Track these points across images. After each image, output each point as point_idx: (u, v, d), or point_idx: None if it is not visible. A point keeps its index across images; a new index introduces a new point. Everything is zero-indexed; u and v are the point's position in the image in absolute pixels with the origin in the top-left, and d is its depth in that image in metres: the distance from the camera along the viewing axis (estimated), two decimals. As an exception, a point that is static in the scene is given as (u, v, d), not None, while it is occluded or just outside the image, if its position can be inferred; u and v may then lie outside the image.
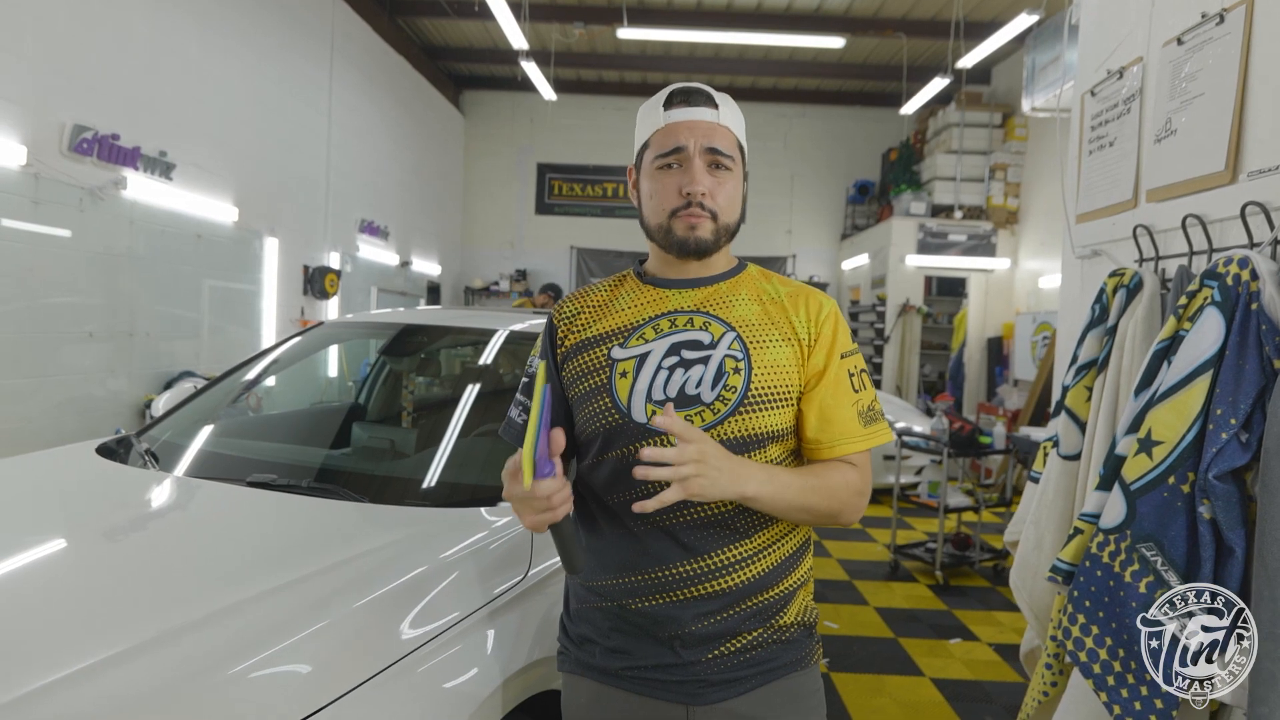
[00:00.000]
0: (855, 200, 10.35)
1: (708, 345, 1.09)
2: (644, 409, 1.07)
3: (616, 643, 1.12)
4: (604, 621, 1.13)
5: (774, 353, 1.10)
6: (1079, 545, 1.34)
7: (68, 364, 4.18)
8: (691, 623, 1.08)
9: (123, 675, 1.01)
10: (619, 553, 1.11)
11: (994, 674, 3.10)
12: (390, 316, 2.68)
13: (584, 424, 1.13)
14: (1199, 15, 1.52)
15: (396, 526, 1.52)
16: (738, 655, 1.09)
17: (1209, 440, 1.15)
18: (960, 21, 7.38)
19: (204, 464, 1.90)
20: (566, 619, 1.21)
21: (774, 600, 1.11)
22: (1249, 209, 1.31)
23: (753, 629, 1.10)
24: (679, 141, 1.09)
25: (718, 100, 1.12)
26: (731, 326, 1.10)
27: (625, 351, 1.11)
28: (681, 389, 1.07)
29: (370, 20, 7.77)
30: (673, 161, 1.10)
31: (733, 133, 1.12)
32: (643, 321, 1.13)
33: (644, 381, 1.08)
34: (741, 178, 1.14)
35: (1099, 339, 1.60)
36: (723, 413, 1.06)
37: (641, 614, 1.10)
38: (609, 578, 1.12)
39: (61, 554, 1.40)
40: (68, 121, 4.02)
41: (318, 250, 6.81)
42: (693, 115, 1.10)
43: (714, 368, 1.08)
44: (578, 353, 1.15)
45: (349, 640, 1.16)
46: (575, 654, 1.17)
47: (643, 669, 1.10)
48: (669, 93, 1.13)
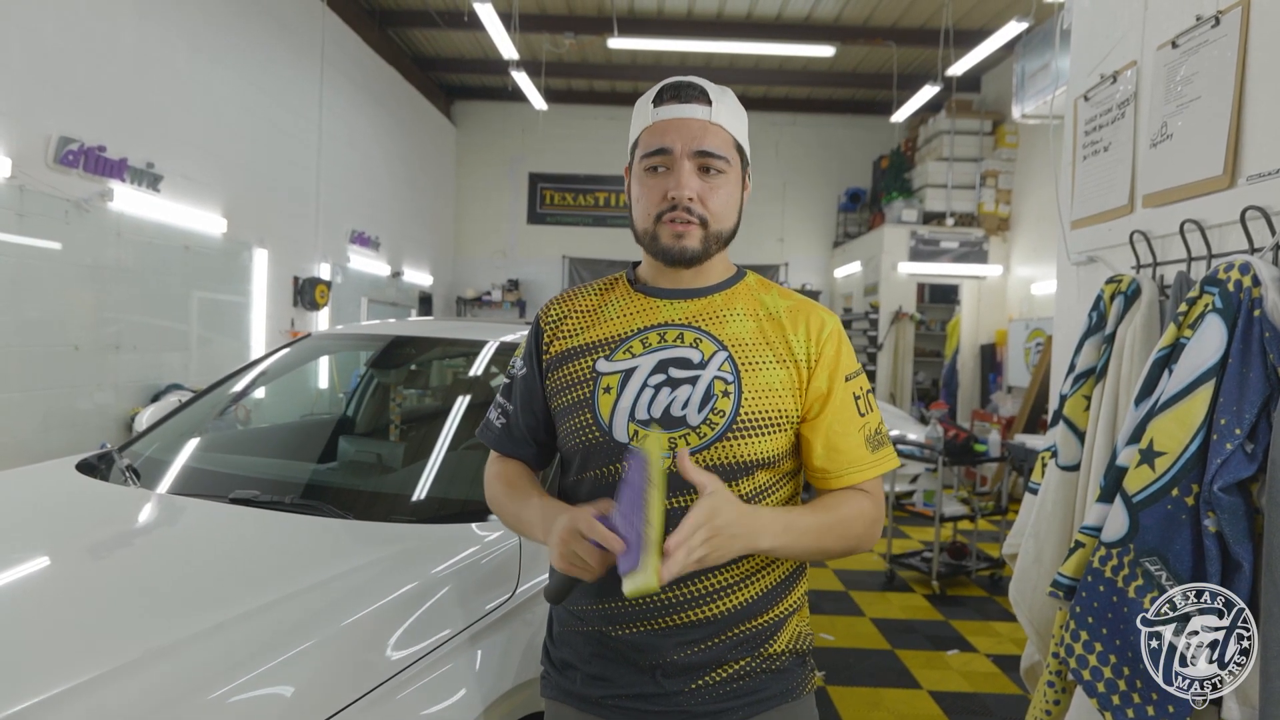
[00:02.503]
0: (847, 208, 10.37)
1: (697, 364, 1.03)
2: (626, 428, 1.02)
3: (597, 669, 1.07)
4: (585, 647, 1.08)
5: (767, 375, 1.03)
6: (1080, 559, 1.31)
7: (54, 377, 4.12)
8: (673, 651, 1.02)
9: (100, 700, 0.98)
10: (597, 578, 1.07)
11: (992, 686, 3.07)
12: (378, 328, 2.64)
13: (564, 438, 1.08)
14: (1194, 18, 1.51)
15: (381, 544, 1.48)
16: (723, 685, 1.04)
17: (1213, 451, 1.13)
18: (949, 29, 7.41)
19: (186, 480, 1.86)
20: (550, 642, 1.16)
21: (763, 627, 1.05)
22: (1249, 213, 1.29)
23: (739, 658, 1.04)
24: (665, 143, 1.02)
25: (712, 96, 1.03)
26: (723, 345, 1.04)
27: (611, 365, 1.05)
28: (667, 409, 1.01)
29: (360, 31, 7.76)
30: (660, 164, 1.02)
31: (728, 132, 1.04)
32: (631, 334, 1.07)
33: (628, 399, 1.02)
34: (739, 181, 1.06)
35: (1097, 347, 1.58)
36: (709, 437, 1.00)
37: (621, 641, 1.05)
38: (588, 603, 1.07)
39: (37, 574, 1.35)
40: (53, 133, 3.98)
41: (308, 261, 6.77)
42: (682, 113, 1.02)
43: (702, 389, 1.01)
44: (562, 362, 1.09)
45: (330, 663, 1.12)
46: (557, 679, 1.12)
47: (623, 698, 1.05)
48: (660, 88, 1.05)
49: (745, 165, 1.09)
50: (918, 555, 4.50)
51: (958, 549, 4.45)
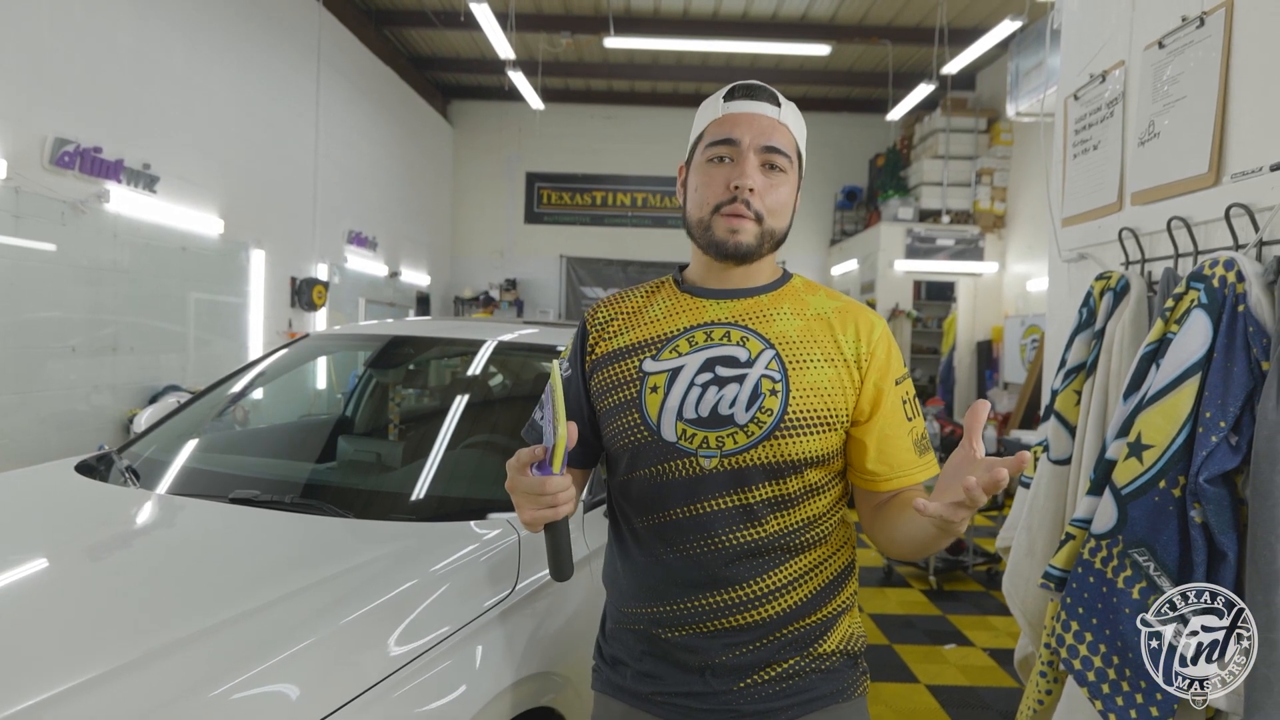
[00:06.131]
0: (843, 206, 10.40)
1: (744, 363, 1.02)
2: (674, 427, 1.01)
3: (648, 667, 1.08)
4: (636, 645, 1.10)
5: (815, 374, 1.02)
6: (1071, 551, 1.32)
7: (51, 379, 4.13)
8: (721, 653, 1.03)
9: (101, 699, 0.99)
10: (646, 579, 1.07)
11: (990, 680, 3.09)
12: (376, 328, 2.65)
13: (612, 438, 1.07)
14: (1179, 18, 1.52)
15: (380, 542, 1.49)
16: (772, 685, 1.04)
17: (1198, 443, 1.15)
18: (944, 28, 7.43)
19: (185, 481, 1.87)
20: (602, 639, 1.18)
21: (813, 627, 1.05)
22: (1233, 210, 1.31)
23: (788, 658, 1.04)
24: (734, 133, 1.02)
25: (781, 100, 1.06)
26: (770, 343, 1.03)
27: (657, 365, 1.04)
28: (714, 408, 1.00)
29: (357, 31, 7.76)
30: (725, 154, 1.03)
31: (793, 135, 1.06)
32: (677, 333, 1.06)
33: (675, 398, 1.02)
34: (796, 184, 1.07)
35: (1087, 343, 1.60)
36: (757, 436, 0.99)
37: (670, 643, 1.05)
38: (638, 605, 1.08)
39: (37, 575, 1.36)
40: (49, 134, 3.99)
41: (305, 261, 6.77)
42: (753, 109, 1.04)
43: (749, 387, 1.00)
44: (608, 363, 1.09)
45: (330, 661, 1.13)
46: (608, 674, 1.14)
47: (673, 695, 1.06)
48: (732, 85, 1.07)
49: (801, 173, 1.10)
50: (914, 551, 4.52)
51: (955, 544, 4.47)
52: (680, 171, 1.13)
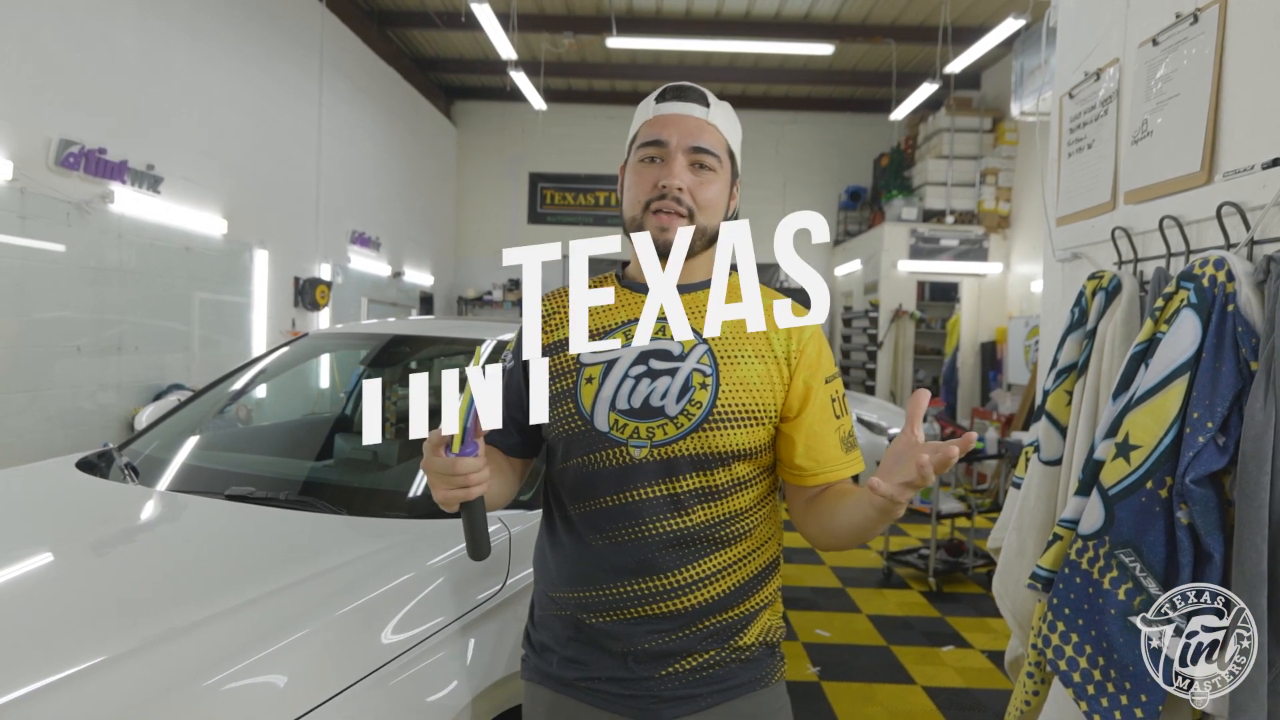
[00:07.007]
0: (847, 206, 10.38)
1: (676, 357, 1.05)
2: (607, 418, 1.05)
3: (573, 652, 1.10)
4: (562, 631, 1.12)
5: (745, 369, 1.06)
6: (1058, 552, 1.32)
7: (57, 378, 4.16)
8: (644, 640, 1.06)
9: (97, 687, 1.00)
10: (574, 565, 1.09)
11: (986, 681, 3.08)
12: (375, 327, 2.66)
13: (549, 428, 1.10)
14: (1173, 16, 1.52)
15: (374, 538, 1.51)
16: (693, 674, 1.07)
17: (1186, 444, 1.14)
18: (948, 27, 7.41)
19: (184, 478, 1.88)
20: (530, 626, 1.19)
21: (733, 621, 1.08)
22: (1225, 209, 1.30)
23: (708, 649, 1.07)
24: (663, 134, 1.07)
25: (710, 100, 1.10)
26: (703, 338, 1.06)
27: (594, 356, 1.09)
28: (646, 400, 1.04)
29: (359, 32, 7.79)
30: (655, 154, 1.07)
31: (722, 134, 1.10)
32: (614, 326, 1.10)
33: (609, 389, 1.05)
34: (728, 182, 1.11)
35: (1078, 342, 1.60)
36: (686, 428, 1.03)
37: (594, 628, 1.08)
38: (565, 590, 1.10)
39: (36, 569, 1.38)
40: (54, 136, 4.01)
41: (308, 262, 6.80)
42: (682, 110, 1.08)
43: (680, 381, 1.04)
44: (549, 354, 1.12)
45: (323, 652, 1.15)
46: (535, 661, 1.16)
47: (597, 681, 1.08)
48: (664, 87, 1.11)
49: (735, 175, 1.13)
50: (915, 552, 4.52)
51: (955, 546, 4.46)
52: (621, 172, 1.16)
